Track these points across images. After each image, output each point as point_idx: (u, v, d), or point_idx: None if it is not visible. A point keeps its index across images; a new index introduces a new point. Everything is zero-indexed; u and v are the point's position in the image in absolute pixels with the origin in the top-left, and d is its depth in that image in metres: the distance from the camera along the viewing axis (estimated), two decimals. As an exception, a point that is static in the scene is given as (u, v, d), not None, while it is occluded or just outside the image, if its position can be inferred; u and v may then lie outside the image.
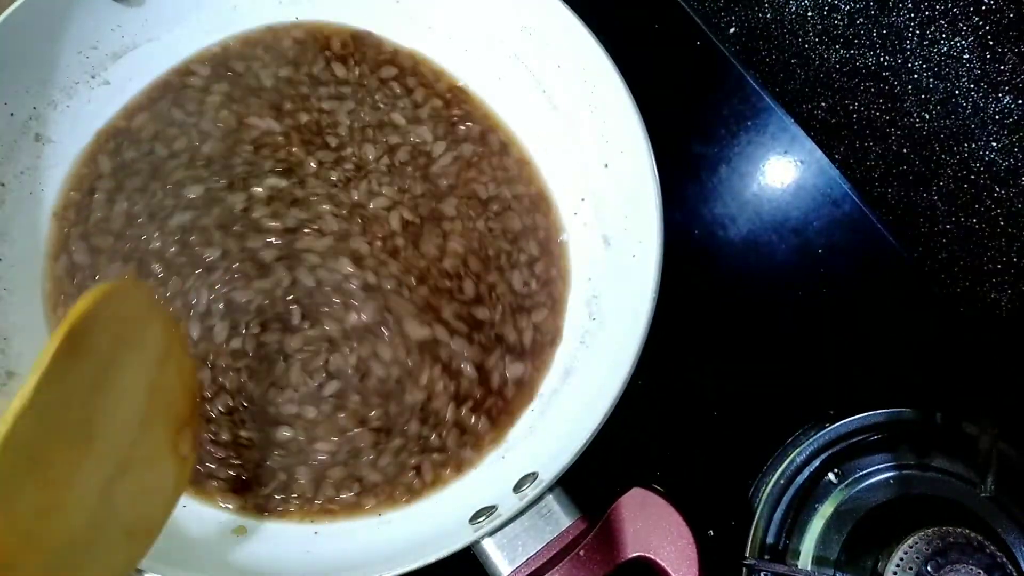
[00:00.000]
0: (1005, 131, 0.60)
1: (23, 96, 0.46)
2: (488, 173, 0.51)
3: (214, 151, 0.49)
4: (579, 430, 0.40)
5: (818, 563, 0.48)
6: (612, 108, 0.47)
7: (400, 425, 0.45)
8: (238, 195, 0.48)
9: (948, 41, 0.61)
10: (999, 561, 0.43)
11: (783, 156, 0.60)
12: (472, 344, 0.47)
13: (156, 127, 0.50)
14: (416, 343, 0.46)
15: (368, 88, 0.52)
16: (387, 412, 0.45)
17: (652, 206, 0.44)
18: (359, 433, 0.45)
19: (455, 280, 0.48)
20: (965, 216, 0.60)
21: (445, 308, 0.47)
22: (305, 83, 0.51)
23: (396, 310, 0.46)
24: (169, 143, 0.49)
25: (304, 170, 0.49)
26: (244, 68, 0.51)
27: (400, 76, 0.52)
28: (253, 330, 0.45)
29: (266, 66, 0.51)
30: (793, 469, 0.51)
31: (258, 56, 0.51)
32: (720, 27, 0.65)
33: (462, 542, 0.38)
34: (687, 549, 0.40)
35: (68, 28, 0.47)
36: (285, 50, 0.52)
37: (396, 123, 0.51)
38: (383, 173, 0.49)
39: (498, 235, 0.50)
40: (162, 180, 0.48)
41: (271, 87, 0.51)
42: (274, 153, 0.49)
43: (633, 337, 0.41)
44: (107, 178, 0.48)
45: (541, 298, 0.49)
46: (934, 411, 0.51)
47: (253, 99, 0.50)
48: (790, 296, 0.57)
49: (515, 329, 0.48)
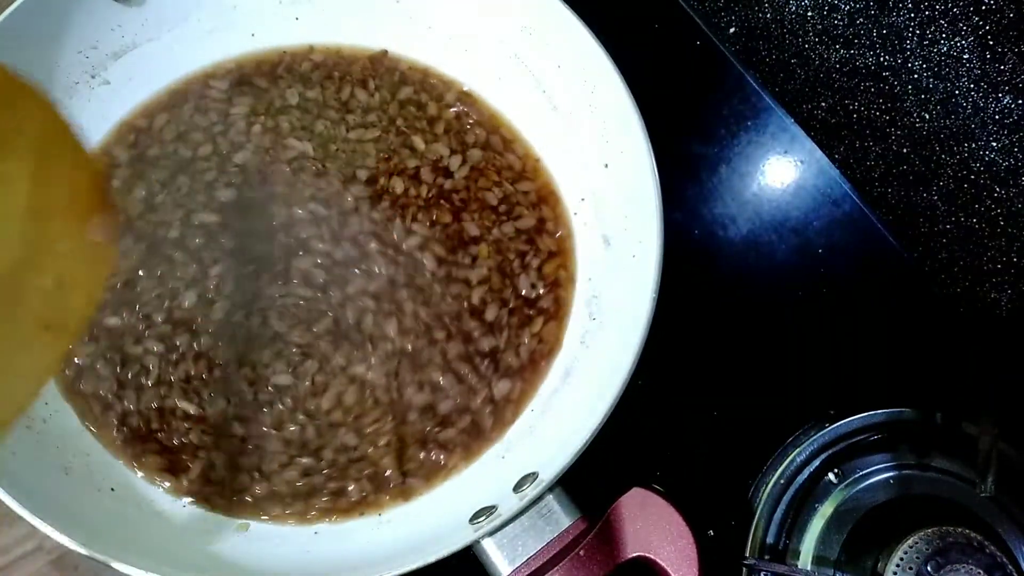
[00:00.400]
0: (1005, 131, 0.60)
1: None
2: (494, 175, 0.51)
3: (248, 162, 0.50)
4: (579, 430, 0.40)
5: (818, 563, 0.48)
6: (612, 108, 0.47)
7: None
8: (280, 209, 0.49)
9: (948, 41, 0.61)
10: (999, 561, 0.43)
11: (783, 156, 0.60)
12: (462, 384, 0.47)
13: (178, 129, 0.50)
14: (409, 398, 0.46)
15: (391, 114, 0.52)
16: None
17: (652, 206, 0.44)
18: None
19: (476, 318, 0.48)
20: (965, 216, 0.60)
21: (452, 350, 0.47)
22: (334, 107, 0.52)
23: (403, 373, 0.46)
24: (194, 147, 0.50)
25: (343, 204, 0.49)
26: (266, 84, 0.52)
27: (416, 93, 0.53)
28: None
29: (290, 86, 0.52)
30: (793, 469, 0.51)
31: (281, 76, 0.52)
32: (720, 27, 0.65)
33: (462, 542, 0.38)
34: (687, 549, 0.40)
35: (68, 28, 0.47)
36: (306, 72, 0.53)
37: (416, 146, 0.51)
38: (412, 206, 0.50)
39: (514, 237, 0.50)
40: (190, 176, 0.49)
41: (297, 105, 0.52)
42: (315, 181, 0.50)
43: (633, 337, 0.41)
44: (124, 167, 0.49)
45: (546, 303, 0.49)
46: (934, 411, 0.51)
47: (283, 117, 0.51)
48: (790, 296, 0.57)
49: (515, 351, 0.48)
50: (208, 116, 0.51)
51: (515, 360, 0.48)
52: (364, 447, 0.45)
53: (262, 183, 0.49)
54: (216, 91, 0.52)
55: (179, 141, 0.50)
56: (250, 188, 0.49)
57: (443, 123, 0.52)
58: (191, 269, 0.47)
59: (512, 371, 0.47)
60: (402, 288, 0.48)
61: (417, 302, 0.47)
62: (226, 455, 0.45)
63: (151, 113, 0.51)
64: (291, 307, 0.47)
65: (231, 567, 0.42)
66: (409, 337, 0.47)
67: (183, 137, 0.50)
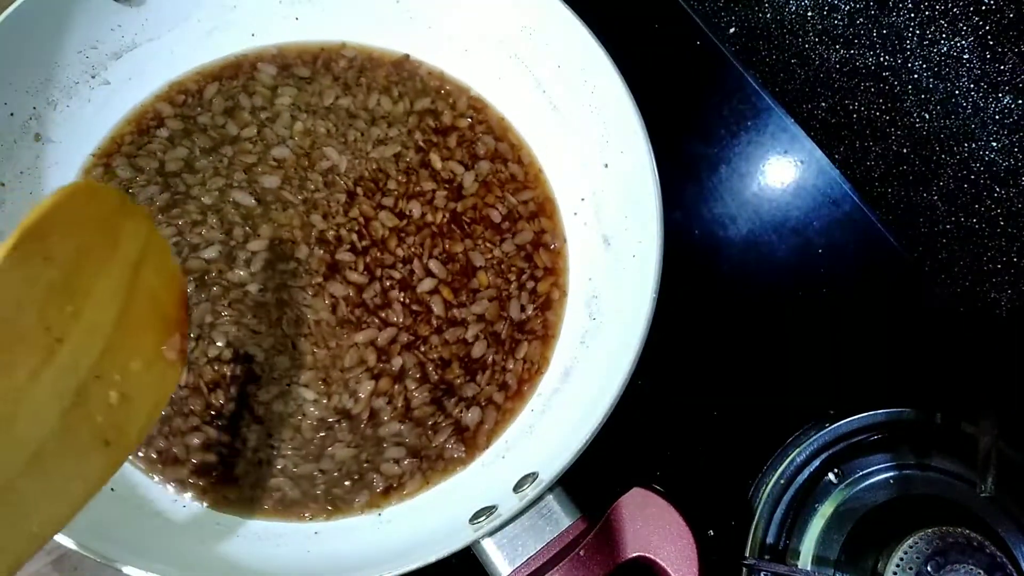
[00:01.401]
0: (1005, 131, 0.60)
1: (23, 96, 0.46)
2: (498, 190, 0.52)
3: (286, 158, 0.51)
4: (579, 430, 0.40)
5: (818, 563, 0.49)
6: (612, 108, 0.47)
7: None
8: (315, 217, 0.49)
9: (948, 41, 0.61)
10: (999, 561, 0.43)
11: (783, 156, 0.60)
12: (420, 427, 0.47)
13: (226, 104, 0.51)
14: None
15: (410, 126, 0.52)
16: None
17: (652, 206, 0.44)
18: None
19: (463, 365, 0.48)
20: (965, 216, 0.60)
21: (448, 400, 0.47)
22: (363, 117, 0.52)
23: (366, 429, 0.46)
24: (240, 126, 0.51)
25: (375, 233, 0.50)
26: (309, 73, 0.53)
27: (433, 102, 0.53)
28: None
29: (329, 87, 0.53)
30: (793, 469, 0.51)
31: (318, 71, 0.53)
32: (720, 27, 0.65)
33: (462, 542, 0.38)
34: (687, 549, 0.40)
35: (68, 28, 0.47)
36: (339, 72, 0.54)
37: (434, 164, 0.52)
38: (428, 235, 0.50)
39: (513, 255, 0.50)
40: (236, 150, 0.50)
41: (331, 107, 0.52)
42: (346, 204, 0.50)
43: (633, 337, 0.41)
44: (172, 119, 0.51)
45: (535, 325, 0.49)
46: (934, 411, 0.51)
47: (320, 122, 0.52)
48: (790, 296, 0.57)
49: (499, 384, 0.48)
50: (253, 99, 0.52)
51: (498, 394, 0.48)
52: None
53: (300, 186, 0.50)
54: (265, 75, 0.52)
55: (229, 117, 0.51)
56: (287, 186, 0.50)
57: (456, 135, 0.53)
58: (218, 234, 0.48)
59: (490, 402, 0.48)
60: (402, 342, 0.48)
61: (410, 352, 0.48)
62: (225, 451, 0.45)
63: (202, 81, 0.52)
64: (311, 320, 0.47)
65: (231, 567, 0.42)
66: (382, 396, 0.47)
67: (232, 114, 0.51)
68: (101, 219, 0.33)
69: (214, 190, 0.49)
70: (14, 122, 0.46)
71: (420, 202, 0.51)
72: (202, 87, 0.52)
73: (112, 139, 0.50)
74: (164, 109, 0.51)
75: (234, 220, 0.49)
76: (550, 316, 0.49)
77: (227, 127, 0.51)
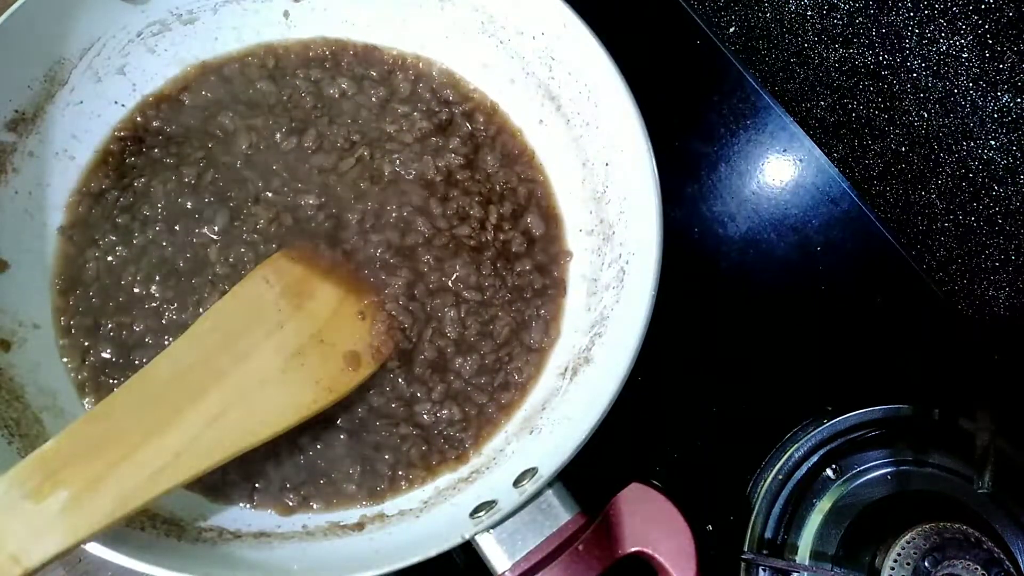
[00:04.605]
0: (1003, 129, 0.60)
1: (26, 93, 0.46)
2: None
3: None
4: (579, 426, 0.40)
5: (816, 558, 0.49)
6: (612, 108, 0.47)
7: None
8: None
9: (947, 40, 0.61)
10: (996, 557, 0.43)
11: (782, 155, 0.60)
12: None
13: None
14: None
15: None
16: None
17: (652, 205, 0.44)
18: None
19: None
20: (963, 214, 0.61)
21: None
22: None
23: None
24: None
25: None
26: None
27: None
28: None
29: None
30: (791, 465, 0.51)
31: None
32: (720, 27, 0.65)
33: (462, 536, 0.39)
34: (685, 544, 0.40)
35: (71, 27, 0.47)
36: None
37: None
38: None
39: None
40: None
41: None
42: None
43: (633, 335, 0.41)
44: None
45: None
46: (932, 407, 0.52)
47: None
48: (789, 293, 0.57)
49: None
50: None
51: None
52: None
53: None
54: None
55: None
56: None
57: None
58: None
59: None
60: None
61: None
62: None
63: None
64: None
65: (231, 566, 0.42)
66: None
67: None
68: (303, 277, 0.46)
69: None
70: (16, 120, 0.46)
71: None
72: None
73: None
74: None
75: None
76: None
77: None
